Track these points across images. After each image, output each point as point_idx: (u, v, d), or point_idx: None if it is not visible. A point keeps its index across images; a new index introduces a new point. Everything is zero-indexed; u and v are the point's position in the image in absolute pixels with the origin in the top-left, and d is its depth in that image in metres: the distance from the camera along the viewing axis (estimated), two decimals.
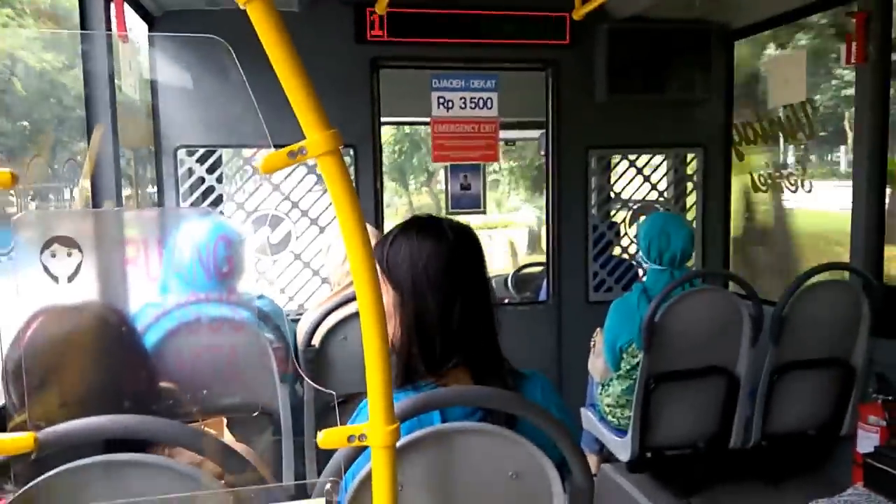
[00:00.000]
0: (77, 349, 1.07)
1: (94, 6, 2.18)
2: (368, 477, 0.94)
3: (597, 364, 2.78)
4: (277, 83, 0.78)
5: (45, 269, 0.80)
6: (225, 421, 1.51)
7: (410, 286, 1.16)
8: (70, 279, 0.84)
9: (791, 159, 3.23)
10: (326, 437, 0.90)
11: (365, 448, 0.93)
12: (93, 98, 2.19)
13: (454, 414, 1.07)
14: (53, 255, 0.81)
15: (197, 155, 3.04)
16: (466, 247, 1.20)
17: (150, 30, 2.97)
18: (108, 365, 1.09)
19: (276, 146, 0.84)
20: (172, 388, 1.20)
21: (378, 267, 1.14)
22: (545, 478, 1.05)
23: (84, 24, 2.12)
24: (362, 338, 1.20)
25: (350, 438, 0.89)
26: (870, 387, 2.42)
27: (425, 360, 1.13)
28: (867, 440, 2.30)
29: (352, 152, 3.15)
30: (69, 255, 0.82)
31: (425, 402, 0.99)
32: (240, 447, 1.28)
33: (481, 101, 3.25)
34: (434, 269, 1.15)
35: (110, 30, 2.25)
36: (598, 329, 2.80)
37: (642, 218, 3.50)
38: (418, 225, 1.22)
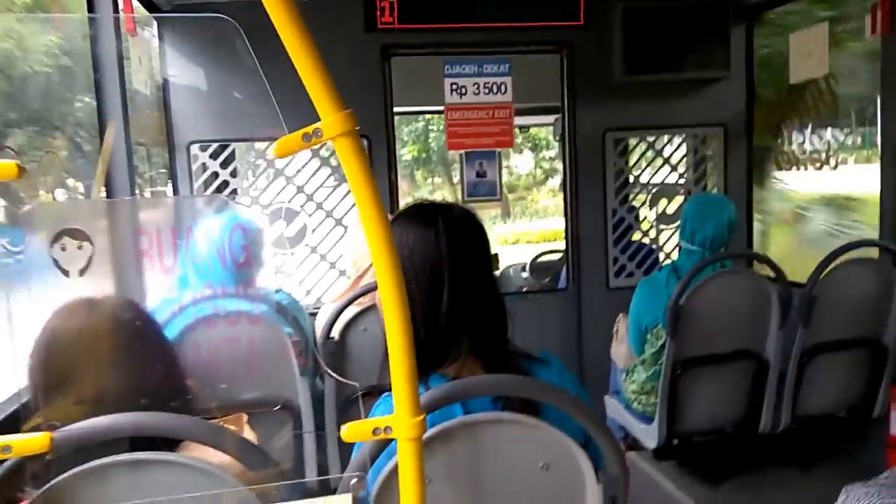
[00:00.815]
0: (93, 346, 1.05)
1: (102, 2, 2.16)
2: (394, 471, 0.91)
3: (620, 350, 2.74)
4: (290, 71, 0.75)
5: (55, 262, 0.77)
6: (246, 417, 1.48)
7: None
8: (82, 272, 0.81)
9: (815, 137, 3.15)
10: (350, 431, 0.86)
11: (390, 441, 0.90)
12: (103, 93, 2.17)
13: (474, 405, 1.03)
14: (63, 249, 0.78)
15: (210, 150, 3.02)
16: (460, 235, 1.15)
17: (158, 26, 2.95)
18: (126, 361, 1.06)
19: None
20: (191, 385, 1.18)
21: None
22: (577, 467, 1.01)
23: (92, 19, 2.09)
24: (384, 326, 1.16)
25: (375, 431, 0.85)
26: None
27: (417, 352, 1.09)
28: None
29: (365, 143, 3.11)
30: (80, 247, 0.79)
31: (451, 392, 0.95)
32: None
33: (495, 87, 3.20)
34: (418, 258, 1.12)
35: (119, 24, 2.22)
36: (621, 315, 2.75)
37: (649, 198, 3.46)
38: (409, 212, 1.20)
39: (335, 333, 2.13)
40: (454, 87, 3.18)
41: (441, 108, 3.22)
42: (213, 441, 0.93)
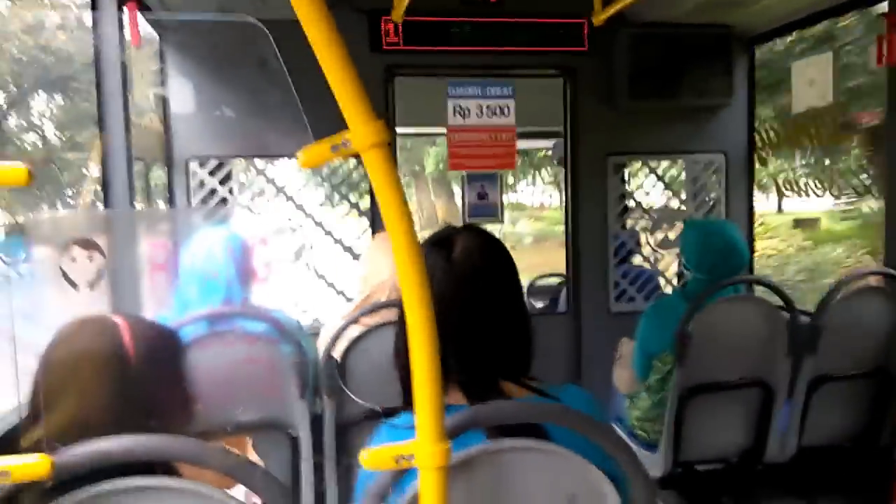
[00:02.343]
0: (100, 365, 1.00)
1: (106, 15, 2.14)
2: (414, 502, 0.86)
3: (622, 375, 2.69)
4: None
5: (64, 274, 0.73)
6: (250, 441, 1.43)
7: None
8: (92, 285, 0.77)
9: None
10: (372, 458, 0.81)
11: (407, 470, 0.86)
12: (105, 107, 2.13)
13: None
14: (73, 260, 0.74)
15: (209, 166, 2.99)
16: (476, 259, 1.13)
17: (160, 42, 2.92)
18: (135, 382, 1.01)
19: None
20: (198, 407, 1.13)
21: None
22: (603, 499, 0.96)
23: (97, 29, 2.07)
24: (388, 347, 1.12)
25: (398, 459, 0.81)
26: None
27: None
28: None
29: None
30: (90, 258, 0.74)
31: (474, 417, 0.91)
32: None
33: (498, 109, 3.19)
34: (436, 284, 1.09)
35: (123, 38, 2.20)
36: (624, 339, 2.70)
37: (650, 224, 3.44)
38: (430, 238, 1.18)
39: (336, 354, 2.07)
40: (457, 108, 3.17)
41: (444, 129, 3.21)
42: (222, 465, 0.88)
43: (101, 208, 2.02)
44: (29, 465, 0.77)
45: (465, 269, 1.13)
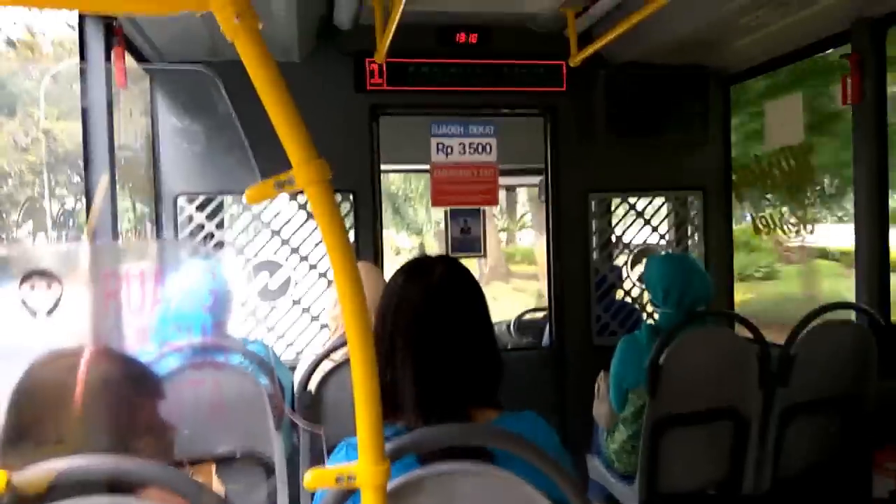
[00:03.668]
0: (71, 398, 1.04)
1: (94, 56, 2.21)
2: None
3: (601, 409, 2.71)
4: (269, 124, 0.77)
5: (24, 302, 0.78)
6: (214, 467, 1.46)
7: (380, 328, 1.16)
8: (49, 313, 0.82)
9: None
10: (314, 478, 0.85)
11: (355, 491, 0.89)
12: (92, 146, 2.20)
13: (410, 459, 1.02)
14: (32, 288, 0.79)
15: (197, 202, 3.05)
16: (447, 289, 1.19)
17: (150, 81, 3.02)
18: (108, 415, 1.05)
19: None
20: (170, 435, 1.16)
21: None
22: None
23: (84, 73, 2.14)
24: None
25: (338, 479, 0.85)
26: (883, 429, 2.35)
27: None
28: (882, 485, 2.23)
29: (351, 197, 3.16)
30: (49, 287, 0.79)
31: (418, 440, 0.95)
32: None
33: (480, 147, 3.28)
34: (402, 318, 1.16)
35: (110, 79, 2.27)
36: (602, 374, 2.73)
37: (645, 260, 3.48)
38: (407, 265, 1.24)
39: (312, 386, 2.11)
40: (440, 146, 3.25)
41: (427, 166, 3.29)
42: (180, 488, 0.92)
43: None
44: None
45: (441, 296, 1.18)
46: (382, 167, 3.30)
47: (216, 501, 0.96)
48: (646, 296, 3.52)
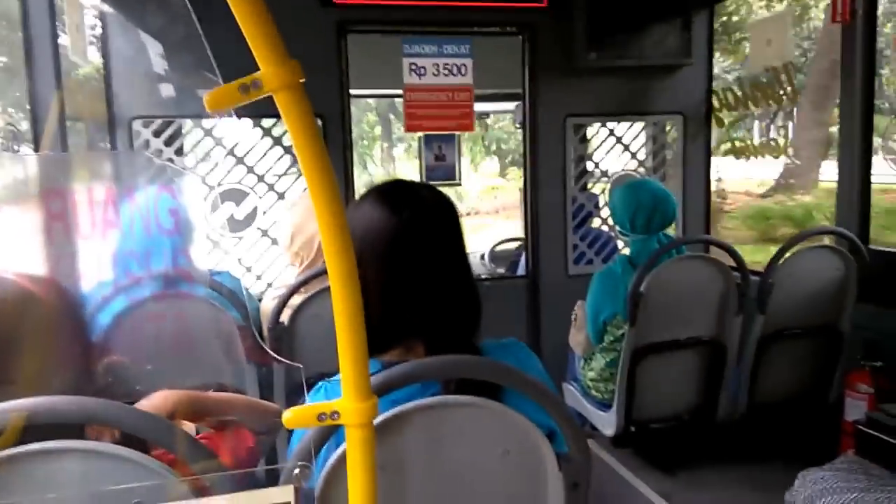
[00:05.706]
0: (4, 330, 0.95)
1: None
2: (342, 460, 0.83)
3: (578, 338, 2.70)
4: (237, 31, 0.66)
5: None
6: None
7: (358, 255, 1.05)
8: None
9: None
10: (294, 417, 0.78)
11: (337, 429, 0.82)
12: (35, 62, 2.02)
13: (408, 391, 0.95)
14: None
15: (154, 126, 2.87)
16: (426, 218, 1.08)
17: None
18: (41, 345, 0.96)
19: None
20: (118, 364, 1.08)
21: None
22: (538, 454, 0.95)
23: None
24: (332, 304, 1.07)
25: (320, 417, 0.77)
26: (858, 353, 2.37)
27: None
28: (855, 408, 2.25)
29: (319, 122, 3.00)
30: None
31: (405, 373, 0.88)
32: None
33: (455, 68, 3.12)
34: (381, 241, 1.06)
35: None
36: (580, 302, 2.70)
37: (608, 186, 3.42)
38: (379, 189, 1.12)
39: (284, 318, 2.03)
40: (413, 67, 3.09)
41: (400, 91, 3.13)
42: (153, 433, 0.84)
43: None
44: None
45: (427, 225, 1.08)
46: (353, 91, 3.13)
47: (186, 439, 0.88)
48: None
